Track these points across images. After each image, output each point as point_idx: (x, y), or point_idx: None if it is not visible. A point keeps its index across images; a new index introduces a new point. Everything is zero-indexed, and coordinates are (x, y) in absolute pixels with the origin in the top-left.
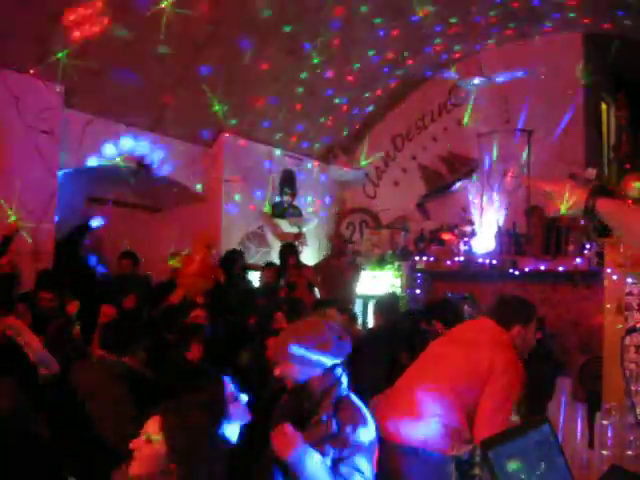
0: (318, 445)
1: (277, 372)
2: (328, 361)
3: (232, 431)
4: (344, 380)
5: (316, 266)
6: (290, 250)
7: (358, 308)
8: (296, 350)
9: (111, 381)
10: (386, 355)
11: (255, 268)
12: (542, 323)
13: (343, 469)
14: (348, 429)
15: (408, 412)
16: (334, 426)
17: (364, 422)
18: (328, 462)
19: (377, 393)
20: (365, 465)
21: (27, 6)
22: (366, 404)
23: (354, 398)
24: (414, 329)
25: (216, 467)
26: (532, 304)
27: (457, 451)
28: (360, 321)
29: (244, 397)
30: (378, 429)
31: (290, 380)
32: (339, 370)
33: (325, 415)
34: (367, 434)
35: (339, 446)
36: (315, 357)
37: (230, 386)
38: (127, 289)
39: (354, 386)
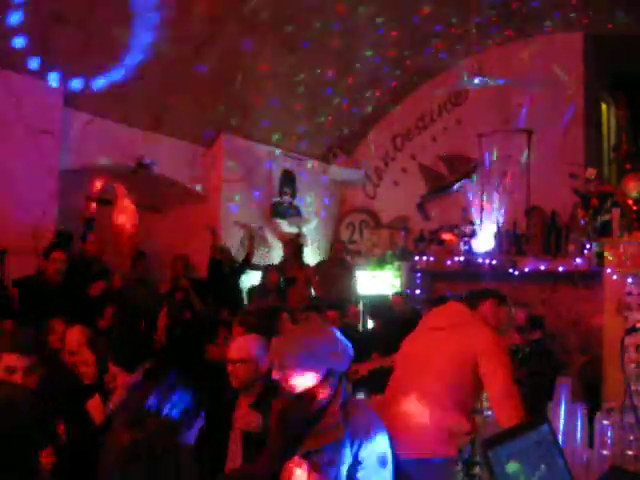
0: (332, 452)
1: (277, 375)
2: (336, 369)
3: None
4: (345, 383)
5: (315, 267)
6: (296, 246)
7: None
8: (306, 359)
9: None
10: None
11: (257, 268)
12: (542, 323)
13: (360, 473)
14: (362, 432)
15: (404, 425)
16: (347, 431)
17: (378, 424)
18: (344, 471)
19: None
20: (385, 469)
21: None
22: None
23: (359, 400)
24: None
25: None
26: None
27: (462, 447)
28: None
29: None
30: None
31: (291, 387)
32: (340, 374)
33: (334, 421)
34: (383, 435)
35: (354, 450)
36: (325, 366)
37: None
38: None
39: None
